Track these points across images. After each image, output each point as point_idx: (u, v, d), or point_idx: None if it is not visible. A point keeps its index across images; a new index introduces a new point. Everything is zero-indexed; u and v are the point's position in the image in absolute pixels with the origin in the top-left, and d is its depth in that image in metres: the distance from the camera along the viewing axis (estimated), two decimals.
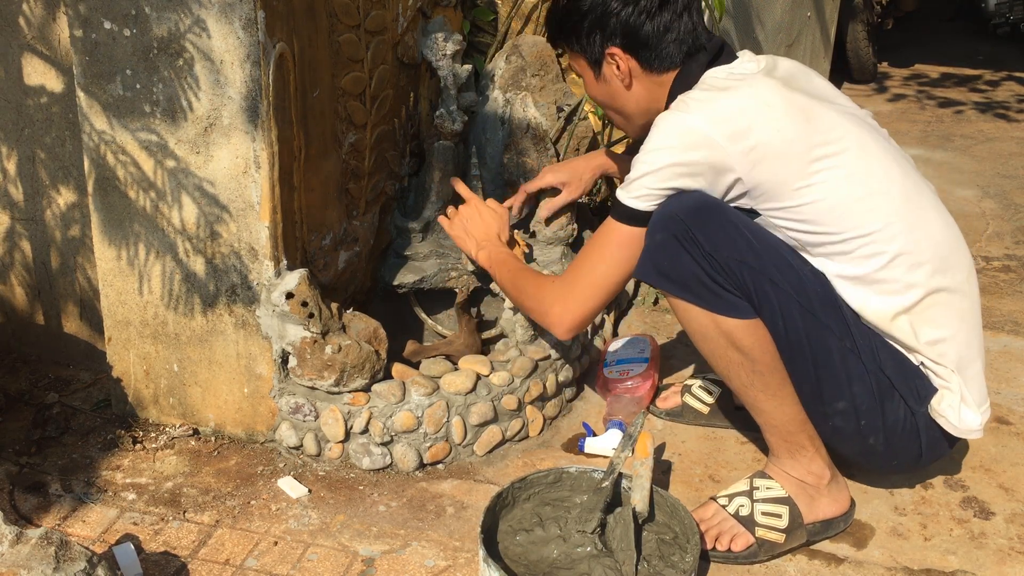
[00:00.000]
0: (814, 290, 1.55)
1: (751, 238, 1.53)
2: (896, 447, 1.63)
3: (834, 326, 1.55)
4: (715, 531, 1.63)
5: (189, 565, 1.59)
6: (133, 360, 1.93)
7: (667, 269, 1.55)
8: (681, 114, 1.55)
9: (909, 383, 1.59)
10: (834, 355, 1.56)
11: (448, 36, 2.13)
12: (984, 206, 3.42)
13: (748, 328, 1.54)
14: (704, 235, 1.51)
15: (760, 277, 1.52)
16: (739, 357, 1.57)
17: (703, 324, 1.57)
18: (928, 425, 1.61)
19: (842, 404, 1.59)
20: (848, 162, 1.54)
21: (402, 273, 2.12)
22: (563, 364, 2.03)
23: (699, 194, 1.55)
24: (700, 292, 1.54)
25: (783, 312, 1.53)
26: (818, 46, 4.13)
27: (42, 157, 2.01)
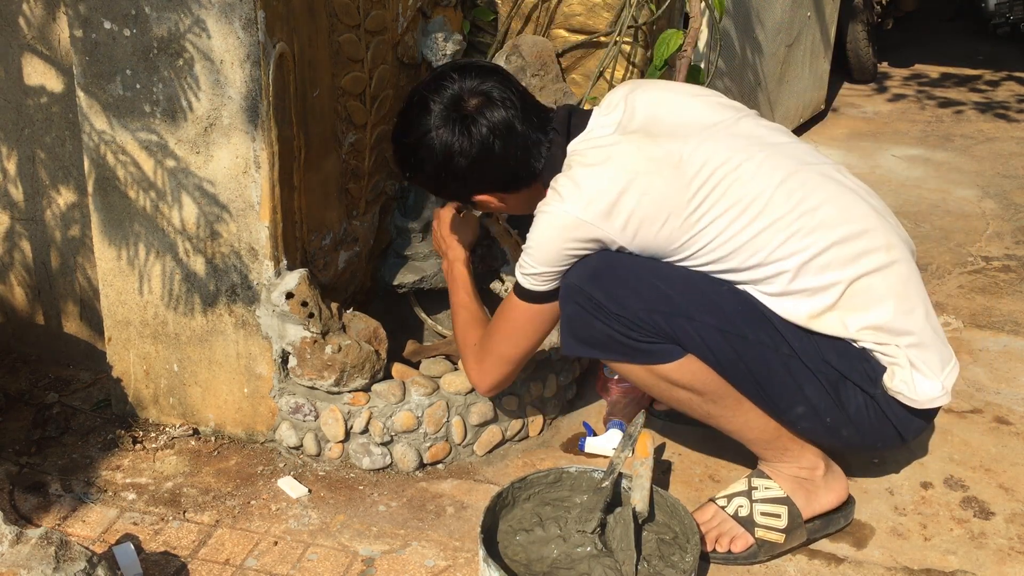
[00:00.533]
0: (735, 310, 1.54)
1: (656, 282, 1.53)
2: (870, 433, 1.61)
3: (766, 339, 1.54)
4: (715, 532, 1.63)
5: (189, 565, 1.59)
6: (133, 360, 1.93)
7: (585, 338, 1.58)
8: (554, 205, 1.55)
9: (857, 368, 1.56)
10: (775, 367, 1.55)
11: (448, 36, 2.13)
12: (984, 206, 3.42)
13: (682, 367, 1.55)
14: (607, 297, 1.53)
15: (674, 319, 1.52)
16: (686, 394, 1.59)
17: (640, 375, 1.60)
18: (889, 404, 1.58)
19: (801, 409, 1.58)
20: (723, 196, 1.51)
21: (402, 273, 2.11)
22: (563, 364, 2.03)
23: (594, 257, 1.56)
24: (623, 351, 1.57)
25: (708, 344, 1.53)
26: (818, 46, 4.13)
27: (42, 157, 2.01)
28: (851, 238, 1.54)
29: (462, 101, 1.59)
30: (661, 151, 1.53)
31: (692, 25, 2.30)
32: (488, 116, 1.59)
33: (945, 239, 3.08)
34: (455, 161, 1.60)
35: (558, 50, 2.36)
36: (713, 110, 1.63)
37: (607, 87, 2.38)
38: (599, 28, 2.35)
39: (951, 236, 3.11)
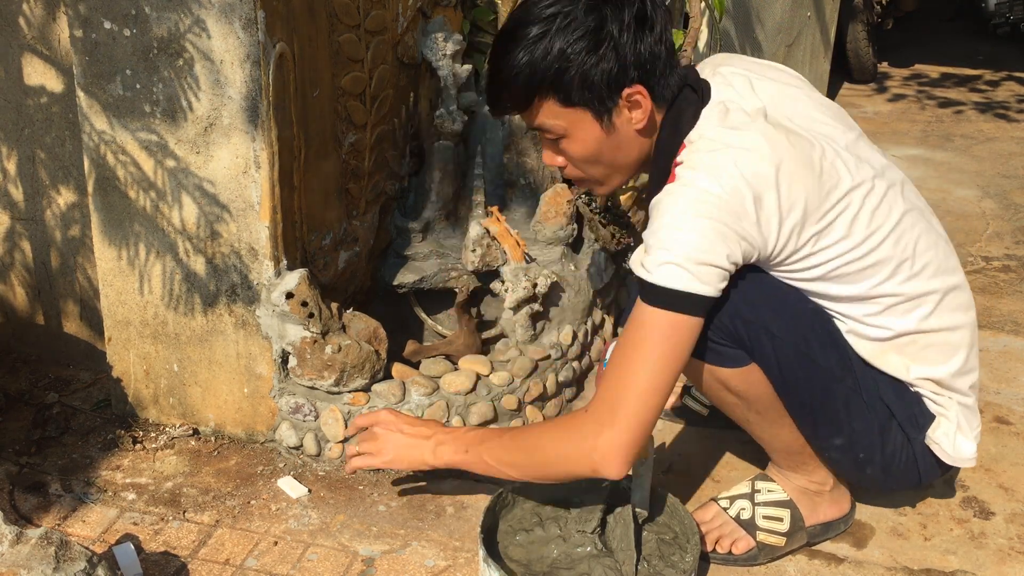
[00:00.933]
0: (814, 332, 1.49)
1: (745, 289, 1.42)
2: (894, 474, 1.61)
3: (835, 367, 1.49)
4: (716, 533, 1.63)
5: (189, 565, 1.59)
6: (133, 360, 1.93)
7: None
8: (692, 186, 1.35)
9: (908, 411, 1.56)
10: (835, 396, 1.51)
11: (448, 36, 2.13)
12: (984, 206, 3.42)
13: (742, 375, 1.49)
14: None
15: (755, 329, 1.45)
16: (734, 399, 1.54)
17: (699, 373, 1.52)
18: (923, 452, 1.58)
19: (839, 440, 1.56)
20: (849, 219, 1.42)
21: (402, 273, 2.11)
22: (563, 364, 2.03)
23: None
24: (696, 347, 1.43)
25: (780, 362, 1.47)
26: (818, 46, 4.13)
27: (42, 157, 2.01)
28: (943, 292, 1.52)
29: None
30: (803, 154, 1.39)
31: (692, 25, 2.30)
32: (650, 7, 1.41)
33: None
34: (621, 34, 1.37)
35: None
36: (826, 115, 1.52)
37: None
38: None
39: (951, 236, 3.08)
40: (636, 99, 1.43)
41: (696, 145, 1.39)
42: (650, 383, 1.36)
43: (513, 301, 2.01)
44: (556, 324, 2.08)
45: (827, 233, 1.41)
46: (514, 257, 2.07)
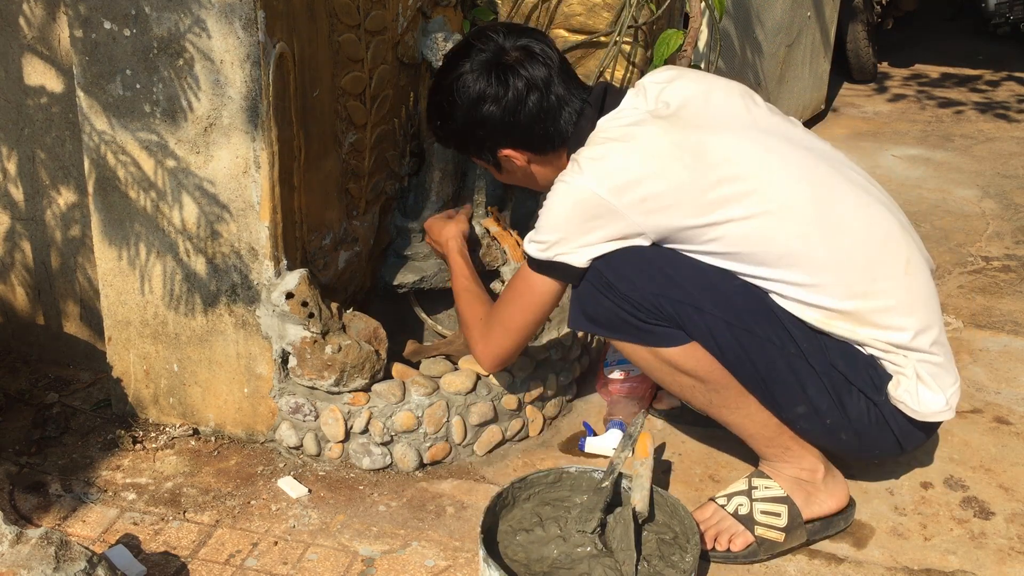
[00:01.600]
0: (745, 305, 1.54)
1: (668, 269, 1.54)
2: (869, 439, 1.61)
3: (773, 336, 1.54)
4: (714, 531, 1.63)
5: (189, 565, 1.59)
6: (133, 360, 1.93)
7: (593, 315, 1.60)
8: (573, 176, 1.55)
9: (862, 374, 1.57)
10: (779, 365, 1.55)
11: (448, 36, 2.13)
12: (984, 206, 3.42)
13: (687, 352, 1.56)
14: (617, 278, 1.54)
15: (682, 306, 1.53)
16: (689, 381, 1.59)
17: (644, 357, 1.60)
18: (892, 413, 1.59)
19: (801, 408, 1.58)
20: (749, 192, 1.51)
21: (402, 273, 2.11)
22: (563, 364, 2.03)
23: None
24: (629, 331, 1.58)
25: (714, 335, 1.54)
26: (818, 46, 4.13)
27: (42, 157, 2.01)
28: (872, 250, 1.55)
29: (504, 52, 1.63)
30: (687, 139, 1.54)
31: (692, 25, 2.30)
32: (527, 69, 1.62)
33: (945, 239, 3.08)
34: (487, 108, 1.63)
35: None
36: (748, 109, 1.64)
37: None
38: (599, 28, 2.35)
39: (951, 236, 3.11)
40: (508, 157, 1.69)
41: (582, 150, 1.59)
42: (513, 325, 1.69)
43: None
44: (556, 324, 2.08)
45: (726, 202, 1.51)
46: (514, 257, 2.07)
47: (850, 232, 1.55)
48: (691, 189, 1.51)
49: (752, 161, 1.53)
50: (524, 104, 1.62)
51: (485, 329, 1.74)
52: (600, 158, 1.54)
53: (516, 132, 1.65)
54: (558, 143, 1.66)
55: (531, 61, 1.62)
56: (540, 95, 1.62)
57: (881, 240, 1.57)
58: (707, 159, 1.52)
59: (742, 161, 1.53)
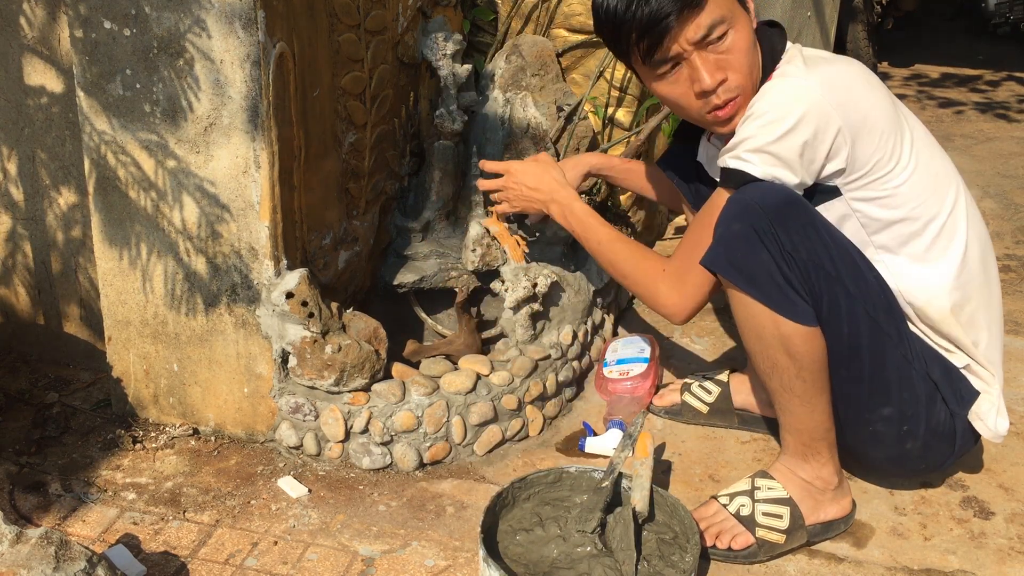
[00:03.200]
0: (879, 296, 1.54)
1: (830, 242, 1.49)
2: (930, 451, 1.65)
3: (893, 333, 1.55)
4: (715, 529, 1.63)
5: (189, 565, 1.59)
6: (133, 360, 1.93)
7: (740, 262, 1.48)
8: (792, 80, 1.48)
9: (953, 386, 1.61)
10: (889, 362, 1.55)
11: (448, 36, 2.13)
12: (984, 206, 3.42)
13: (806, 335, 1.50)
14: (786, 233, 1.46)
15: (834, 283, 1.49)
16: (787, 361, 1.53)
17: (761, 323, 1.51)
18: (964, 428, 1.64)
19: (888, 410, 1.60)
20: (923, 150, 1.57)
21: (402, 273, 2.12)
22: (563, 364, 2.03)
23: (783, 188, 1.48)
24: (769, 291, 1.48)
25: (850, 319, 1.51)
26: (818, 46, 4.13)
27: (42, 157, 2.01)
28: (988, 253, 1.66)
29: None
30: (883, 87, 1.58)
31: None
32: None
33: None
34: None
35: (558, 50, 2.36)
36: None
37: (607, 87, 2.38)
38: None
39: None
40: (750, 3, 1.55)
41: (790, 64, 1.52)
42: None
43: (513, 301, 2.01)
44: (556, 324, 2.08)
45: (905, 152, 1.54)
46: (514, 257, 2.07)
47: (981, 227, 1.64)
48: (893, 125, 1.52)
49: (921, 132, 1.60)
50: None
51: (676, 280, 1.61)
52: (820, 66, 1.49)
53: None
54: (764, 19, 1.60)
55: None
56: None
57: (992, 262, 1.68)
58: (899, 113, 1.56)
59: (916, 127, 1.59)
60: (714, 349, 2.33)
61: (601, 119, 2.45)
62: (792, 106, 1.45)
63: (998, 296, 1.67)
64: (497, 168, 1.97)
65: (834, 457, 1.64)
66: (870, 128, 1.49)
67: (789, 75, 1.50)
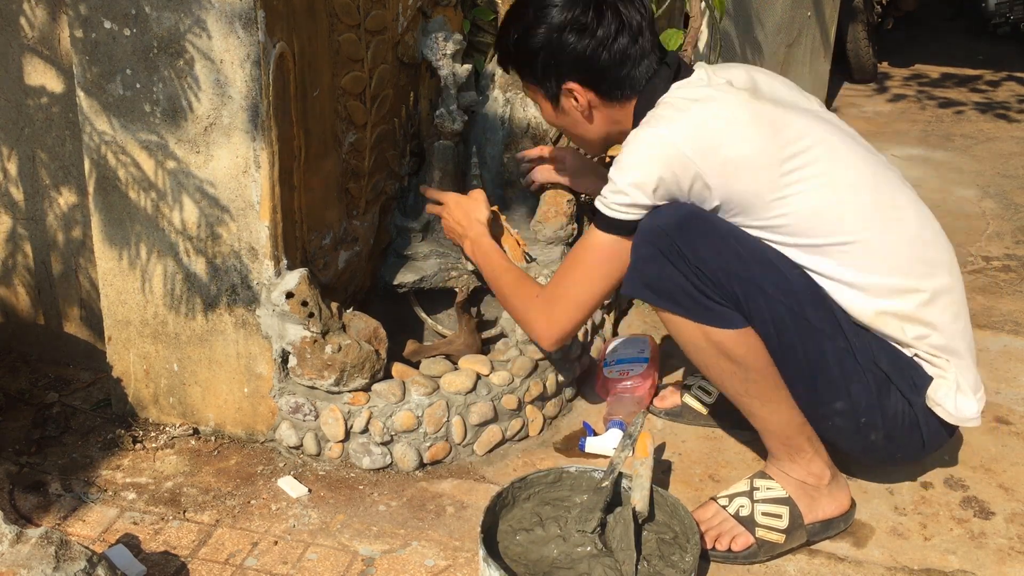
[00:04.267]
0: (804, 293, 1.54)
1: (738, 246, 1.52)
2: (898, 441, 1.63)
3: (826, 328, 1.54)
4: (715, 531, 1.63)
5: (189, 565, 1.59)
6: (133, 360, 1.93)
7: (654, 283, 1.55)
8: (653, 129, 1.54)
9: (904, 374, 1.58)
10: (828, 357, 1.55)
11: (448, 36, 2.13)
12: (984, 206, 3.42)
13: (739, 338, 1.54)
14: (690, 247, 1.51)
15: (749, 286, 1.51)
16: (731, 367, 1.56)
17: (693, 336, 1.57)
18: (926, 415, 1.61)
19: (840, 404, 1.58)
20: (819, 171, 1.53)
21: (402, 273, 2.11)
22: (563, 364, 2.03)
23: (683, 205, 1.55)
24: (688, 305, 1.54)
25: (774, 320, 1.52)
26: (818, 46, 4.13)
27: (43, 157, 2.01)
28: (923, 249, 1.59)
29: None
30: (764, 110, 1.55)
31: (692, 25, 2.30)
32: (625, 9, 1.60)
33: None
34: (572, 37, 1.61)
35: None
36: (806, 100, 1.68)
37: None
38: None
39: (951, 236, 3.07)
40: (573, 92, 1.66)
41: (659, 108, 1.58)
42: (582, 295, 1.66)
43: None
44: None
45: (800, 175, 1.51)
46: (514, 257, 2.07)
47: (907, 224, 1.58)
48: (769, 159, 1.51)
49: (823, 142, 1.55)
50: (612, 43, 1.60)
51: (545, 306, 1.69)
52: (683, 117, 1.53)
53: (593, 68, 1.62)
54: (628, 93, 1.64)
55: (629, 4, 1.61)
56: (629, 40, 1.60)
57: (932, 237, 1.62)
58: (784, 132, 1.53)
59: (814, 140, 1.55)
60: None
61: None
62: (642, 155, 1.53)
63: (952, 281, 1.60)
64: (436, 197, 2.03)
65: (819, 451, 1.64)
66: (743, 167, 1.51)
67: (650, 124, 1.55)
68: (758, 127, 1.52)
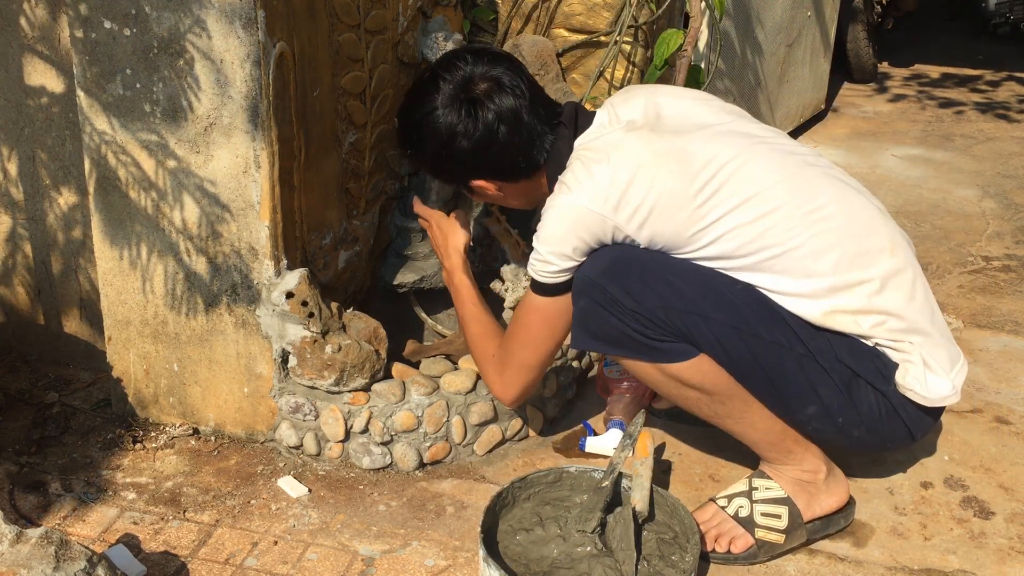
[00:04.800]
0: (749, 309, 1.53)
1: (671, 279, 1.53)
2: (881, 432, 1.61)
3: (780, 338, 1.53)
4: (715, 532, 1.63)
5: (189, 565, 1.59)
6: (133, 360, 1.93)
7: (597, 332, 1.57)
8: (564, 197, 1.55)
9: (869, 366, 1.56)
10: (789, 366, 1.54)
11: (448, 36, 2.13)
12: (984, 206, 3.42)
13: (693, 367, 1.55)
14: (622, 292, 1.52)
15: (690, 317, 1.51)
16: (695, 394, 1.58)
17: (650, 374, 1.59)
18: (901, 401, 1.58)
19: (813, 409, 1.57)
20: (731, 191, 1.51)
21: (402, 273, 2.11)
22: (563, 364, 2.03)
23: (608, 250, 1.55)
24: (635, 348, 1.55)
25: (723, 343, 1.52)
26: (818, 46, 4.13)
27: (43, 157, 2.01)
28: (858, 239, 1.55)
29: (472, 84, 1.60)
30: (667, 146, 1.54)
31: (692, 25, 2.30)
32: (496, 102, 1.60)
33: (945, 239, 3.08)
34: (457, 143, 1.61)
35: (558, 50, 2.36)
36: (715, 113, 1.65)
37: (607, 87, 2.38)
38: (599, 28, 2.35)
39: (951, 236, 3.11)
40: (481, 187, 1.69)
41: (568, 172, 1.59)
42: (530, 358, 1.68)
43: (513, 301, 2.01)
44: None
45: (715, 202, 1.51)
46: (514, 257, 2.07)
47: (833, 220, 1.55)
48: (681, 195, 1.51)
49: (731, 161, 1.53)
50: (495, 137, 1.60)
51: (500, 367, 1.72)
52: (588, 176, 1.54)
53: (487, 164, 1.65)
54: (531, 171, 1.66)
55: (500, 93, 1.60)
56: (510, 127, 1.60)
57: (864, 225, 1.58)
58: (691, 164, 1.52)
59: (723, 162, 1.53)
60: None
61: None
62: (558, 225, 1.55)
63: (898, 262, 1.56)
64: (422, 214, 1.99)
65: (809, 448, 1.64)
66: (657, 210, 1.51)
67: (561, 191, 1.57)
68: (664, 166, 1.51)
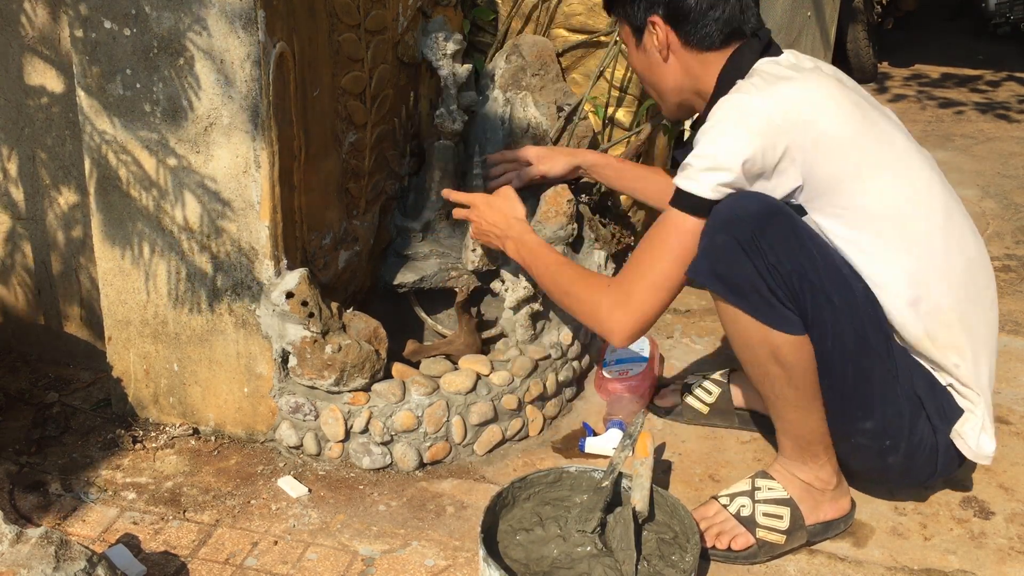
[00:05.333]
0: (866, 311, 1.51)
1: (815, 252, 1.47)
2: (913, 467, 1.63)
3: (880, 349, 1.52)
4: (716, 530, 1.63)
5: (189, 565, 1.59)
6: (133, 360, 1.93)
7: (725, 273, 1.48)
8: (744, 96, 1.49)
9: (937, 403, 1.58)
10: (874, 377, 1.53)
11: (448, 36, 2.13)
12: (984, 206, 3.42)
13: (795, 344, 1.49)
14: (769, 244, 1.44)
15: (819, 294, 1.47)
16: (778, 370, 1.53)
17: (750, 334, 1.51)
18: (947, 446, 1.61)
19: (869, 424, 1.57)
20: (898, 172, 1.52)
21: (402, 273, 2.11)
22: (563, 364, 2.03)
23: (765, 198, 1.48)
24: (756, 302, 1.47)
25: (835, 332, 1.49)
26: (818, 46, 4.13)
27: (43, 157, 2.01)
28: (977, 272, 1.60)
29: None
30: (855, 98, 1.55)
31: None
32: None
33: None
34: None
35: (558, 50, 2.36)
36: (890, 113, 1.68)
37: (607, 87, 2.38)
38: (599, 28, 2.35)
39: None
40: (655, 26, 1.62)
41: (748, 78, 1.54)
42: (661, 278, 1.54)
43: (513, 301, 2.01)
44: (556, 324, 2.08)
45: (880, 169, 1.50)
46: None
47: (966, 254, 1.58)
48: (858, 143, 1.49)
49: (901, 147, 1.56)
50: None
51: (623, 292, 1.57)
52: (776, 86, 1.48)
53: (684, 7, 1.59)
54: (713, 46, 1.60)
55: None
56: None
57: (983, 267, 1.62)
58: (871, 125, 1.52)
59: (894, 143, 1.55)
60: (714, 349, 2.33)
61: (601, 119, 2.45)
62: (734, 124, 1.47)
63: (989, 319, 1.63)
64: (462, 200, 1.96)
65: (831, 458, 1.64)
66: (829, 146, 1.47)
67: (741, 90, 1.51)
68: (851, 111, 1.50)
